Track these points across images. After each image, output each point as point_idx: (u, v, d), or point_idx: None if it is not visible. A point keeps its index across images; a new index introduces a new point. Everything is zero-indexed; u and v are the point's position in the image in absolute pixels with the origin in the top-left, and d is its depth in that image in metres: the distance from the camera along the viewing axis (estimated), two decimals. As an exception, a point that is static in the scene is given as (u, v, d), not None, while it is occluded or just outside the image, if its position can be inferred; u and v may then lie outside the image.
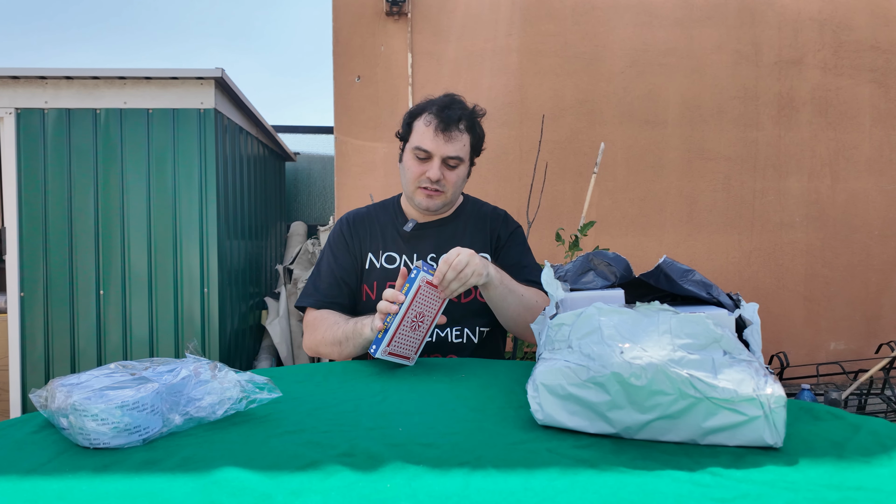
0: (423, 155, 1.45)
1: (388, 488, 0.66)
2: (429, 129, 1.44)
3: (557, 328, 0.89)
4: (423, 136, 1.45)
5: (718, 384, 0.75)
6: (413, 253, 1.52)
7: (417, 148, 1.45)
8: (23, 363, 2.95)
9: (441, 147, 1.44)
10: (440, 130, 1.43)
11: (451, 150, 1.44)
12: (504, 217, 1.63)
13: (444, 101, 1.47)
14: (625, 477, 0.69)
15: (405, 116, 1.53)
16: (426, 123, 1.45)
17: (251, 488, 0.66)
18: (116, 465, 0.72)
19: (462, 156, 1.47)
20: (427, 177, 1.45)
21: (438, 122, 1.43)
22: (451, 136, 1.44)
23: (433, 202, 1.49)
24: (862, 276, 3.95)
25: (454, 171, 1.47)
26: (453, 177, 1.48)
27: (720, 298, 1.04)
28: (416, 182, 1.48)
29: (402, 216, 1.59)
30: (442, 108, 1.44)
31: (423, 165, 1.46)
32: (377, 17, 3.57)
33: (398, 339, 1.18)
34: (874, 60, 3.85)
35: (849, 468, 0.72)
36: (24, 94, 2.94)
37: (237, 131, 3.48)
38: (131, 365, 0.89)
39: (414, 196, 1.50)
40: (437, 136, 1.43)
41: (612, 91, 3.73)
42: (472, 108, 1.50)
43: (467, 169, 1.53)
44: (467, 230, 1.57)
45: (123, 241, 2.98)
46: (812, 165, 3.86)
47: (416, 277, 1.17)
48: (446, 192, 1.49)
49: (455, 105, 1.46)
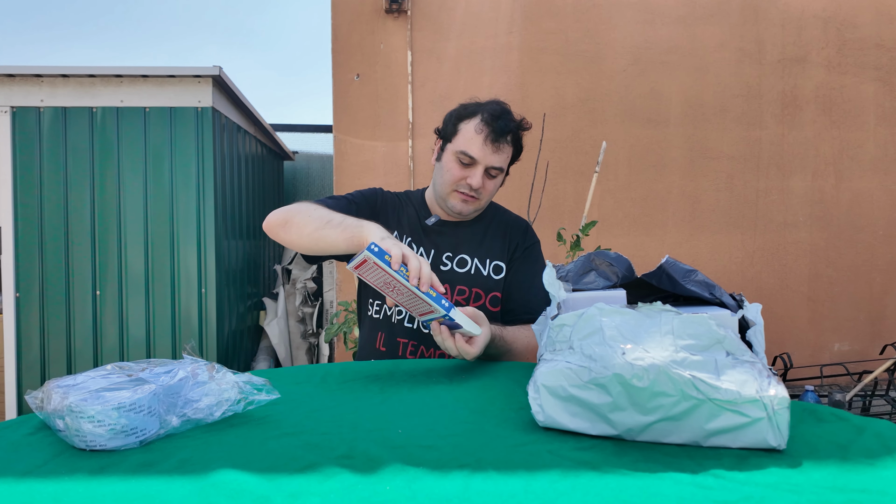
0: (467, 161, 1.44)
1: (387, 490, 0.66)
2: (479, 136, 1.43)
3: (559, 329, 0.88)
4: (472, 142, 1.43)
5: (721, 385, 0.75)
6: (431, 248, 1.51)
7: (463, 153, 1.44)
8: (18, 364, 2.94)
9: (488, 157, 1.43)
10: (490, 140, 1.42)
11: (497, 161, 1.44)
12: (525, 228, 1.62)
13: (495, 109, 1.45)
14: (627, 479, 0.68)
15: (451, 116, 1.51)
16: (477, 130, 1.43)
17: (249, 491, 0.65)
18: (113, 467, 0.71)
19: (504, 167, 1.48)
20: (468, 183, 1.44)
21: (490, 132, 1.42)
22: (499, 146, 1.43)
23: (468, 207, 1.49)
24: (866, 276, 3.92)
25: (493, 180, 1.48)
26: (491, 186, 1.48)
27: (723, 299, 1.02)
28: (454, 185, 1.47)
29: (426, 210, 1.58)
30: (495, 118, 1.43)
31: (466, 171, 1.45)
32: (376, 15, 3.55)
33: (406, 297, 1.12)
34: (879, 58, 3.82)
35: (853, 470, 0.71)
36: (19, 93, 2.92)
37: (235, 130, 3.46)
38: (128, 366, 0.88)
39: (448, 198, 1.49)
40: (486, 146, 1.42)
41: (614, 89, 3.71)
42: (520, 122, 1.49)
43: (503, 179, 1.53)
44: (487, 235, 1.56)
45: (120, 241, 2.97)
46: (816, 164, 3.84)
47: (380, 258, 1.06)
48: (481, 200, 1.49)
49: (506, 116, 1.45)
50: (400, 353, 1.51)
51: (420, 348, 1.50)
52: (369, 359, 1.54)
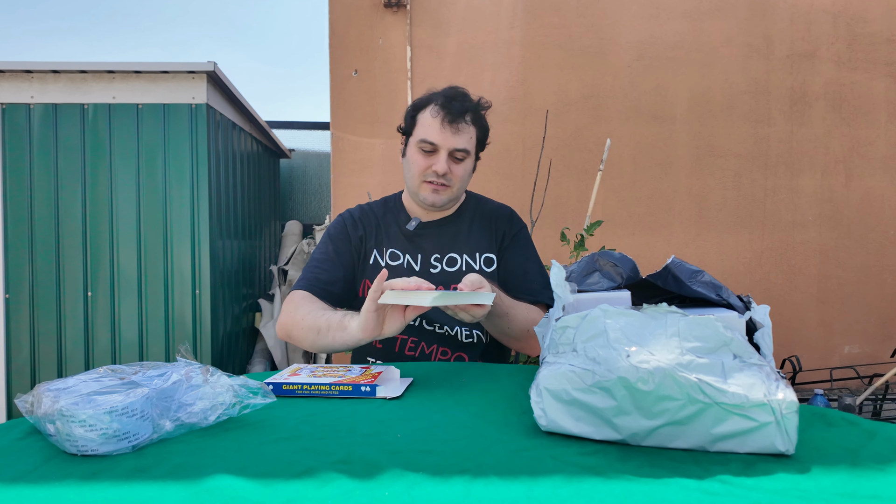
0: (429, 148, 1.43)
1: (386, 496, 0.65)
2: (435, 120, 1.42)
3: (562, 331, 0.87)
4: (430, 128, 1.43)
5: (728, 389, 0.74)
6: (417, 252, 1.51)
7: (423, 141, 1.43)
8: (8, 367, 2.90)
9: (448, 139, 1.42)
10: (447, 122, 1.41)
11: (459, 143, 1.43)
12: (509, 215, 1.60)
13: (449, 92, 1.45)
14: (631, 485, 0.68)
15: (408, 109, 1.51)
16: (433, 115, 1.43)
17: (244, 496, 0.65)
18: (105, 472, 0.71)
19: (469, 149, 1.45)
20: (434, 170, 1.43)
21: (445, 114, 1.41)
22: (458, 128, 1.42)
23: (439, 197, 1.47)
24: (877, 277, 3.87)
25: (461, 164, 1.46)
26: (460, 170, 1.46)
27: (730, 300, 1.03)
28: (421, 176, 1.46)
29: (405, 213, 1.57)
30: (448, 100, 1.43)
31: (430, 159, 1.44)
32: (375, 9, 3.50)
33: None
34: (890, 54, 3.77)
35: (863, 476, 0.70)
36: (9, 89, 2.87)
37: (230, 127, 3.41)
38: (120, 369, 0.88)
39: (419, 191, 1.48)
40: (445, 129, 1.41)
41: (619, 86, 3.67)
42: (478, 101, 1.48)
43: (473, 163, 1.51)
44: (473, 228, 1.55)
45: (112, 241, 2.92)
46: (825, 163, 3.79)
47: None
48: (452, 187, 1.47)
49: (461, 97, 1.45)
50: (397, 349, 1.49)
51: (421, 345, 1.49)
52: (365, 355, 1.53)
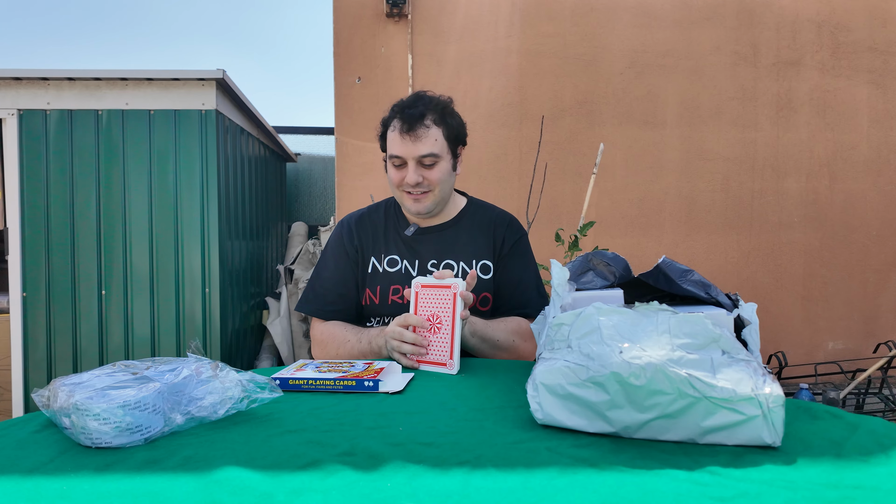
0: (398, 162, 1.43)
1: (388, 487, 0.66)
2: (395, 133, 1.42)
3: (557, 328, 0.89)
4: (393, 142, 1.42)
5: (717, 384, 0.75)
6: (415, 258, 1.50)
7: (392, 156, 1.43)
8: (25, 363, 2.95)
9: (410, 149, 1.40)
10: (405, 132, 1.39)
11: (422, 149, 1.40)
12: (510, 222, 1.57)
13: (406, 101, 1.44)
14: (624, 476, 0.69)
15: (380, 127, 1.50)
16: (393, 129, 1.43)
17: (252, 487, 0.66)
18: (118, 464, 0.72)
19: (436, 151, 1.41)
20: (407, 182, 1.42)
21: (402, 125, 1.40)
22: (417, 135, 1.39)
23: (422, 205, 1.45)
24: (860, 276, 3.96)
25: (433, 168, 1.42)
26: (435, 175, 1.43)
27: (719, 298, 1.04)
28: (399, 188, 1.46)
29: (403, 219, 1.56)
30: (403, 109, 1.41)
31: (402, 171, 1.43)
32: (377, 19, 3.58)
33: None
34: (872, 61, 3.86)
35: (847, 467, 0.72)
36: (26, 95, 2.94)
37: (238, 132, 3.49)
38: (133, 364, 0.89)
39: (404, 202, 1.48)
40: (405, 140, 1.40)
41: (612, 92, 3.74)
42: (437, 99, 1.45)
43: (450, 163, 1.47)
44: (471, 235, 1.53)
45: (125, 242, 2.98)
46: (810, 166, 3.87)
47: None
48: (433, 191, 1.45)
49: (418, 102, 1.42)
50: None
51: None
52: None
